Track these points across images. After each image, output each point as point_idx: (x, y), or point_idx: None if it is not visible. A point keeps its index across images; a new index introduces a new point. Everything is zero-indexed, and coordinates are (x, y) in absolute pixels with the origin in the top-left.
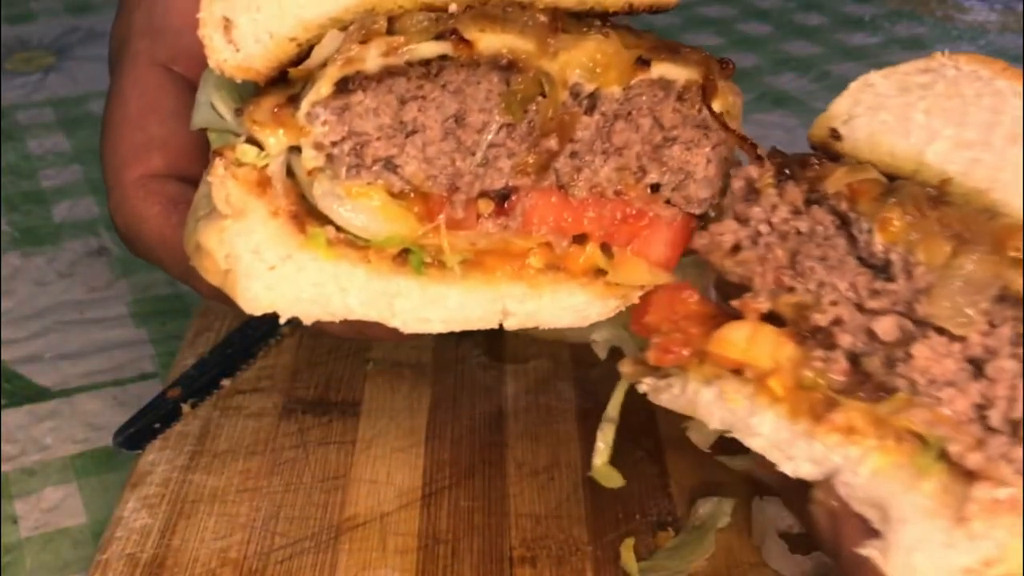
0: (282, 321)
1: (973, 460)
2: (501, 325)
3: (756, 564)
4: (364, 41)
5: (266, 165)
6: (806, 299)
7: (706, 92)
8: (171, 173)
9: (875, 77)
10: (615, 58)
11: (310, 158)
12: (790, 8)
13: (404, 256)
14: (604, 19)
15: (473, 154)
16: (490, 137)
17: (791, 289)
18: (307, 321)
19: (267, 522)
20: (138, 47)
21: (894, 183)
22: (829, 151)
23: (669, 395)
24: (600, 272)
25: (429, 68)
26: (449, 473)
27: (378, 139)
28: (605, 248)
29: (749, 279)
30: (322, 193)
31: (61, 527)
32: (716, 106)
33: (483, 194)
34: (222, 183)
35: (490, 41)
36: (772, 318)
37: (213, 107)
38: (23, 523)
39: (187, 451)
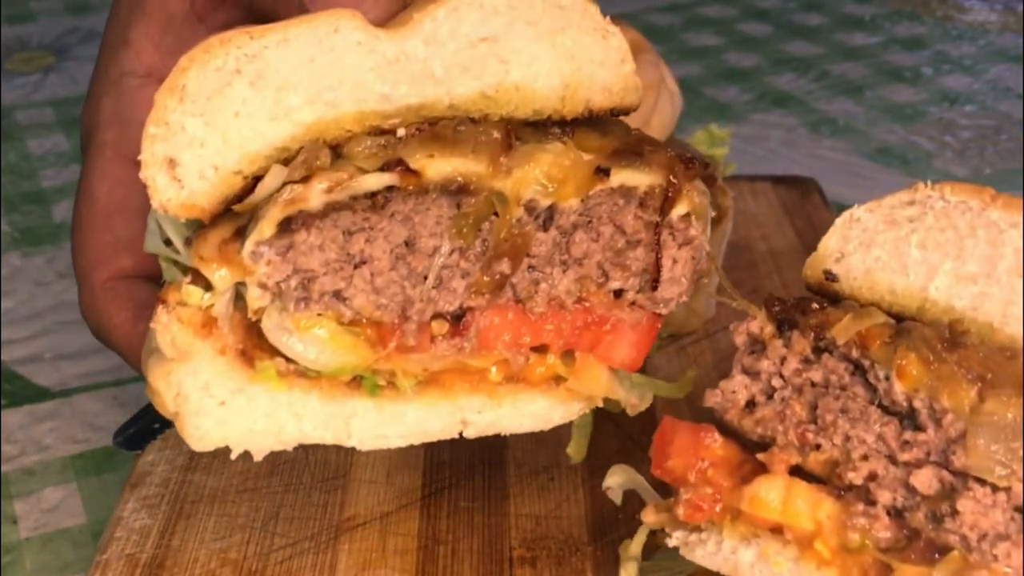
0: (233, 456)
1: None
2: (461, 434)
3: None
4: (307, 177)
5: (211, 305)
6: (835, 455)
7: (669, 198)
8: (140, 274)
9: (860, 212)
10: (572, 170)
11: (255, 297)
12: (790, 8)
13: (358, 381)
14: (564, 124)
15: (424, 279)
16: (441, 261)
17: (817, 446)
18: (258, 456)
19: (267, 522)
20: (105, 138)
21: (903, 324)
22: (827, 292)
23: (704, 551)
24: (561, 379)
25: (375, 199)
26: (449, 473)
27: (325, 274)
28: (567, 354)
29: (771, 437)
30: (271, 327)
31: (61, 527)
32: (681, 208)
33: (436, 316)
34: (166, 328)
35: (439, 167)
36: (804, 472)
37: (161, 235)
38: (23, 523)
39: (187, 451)
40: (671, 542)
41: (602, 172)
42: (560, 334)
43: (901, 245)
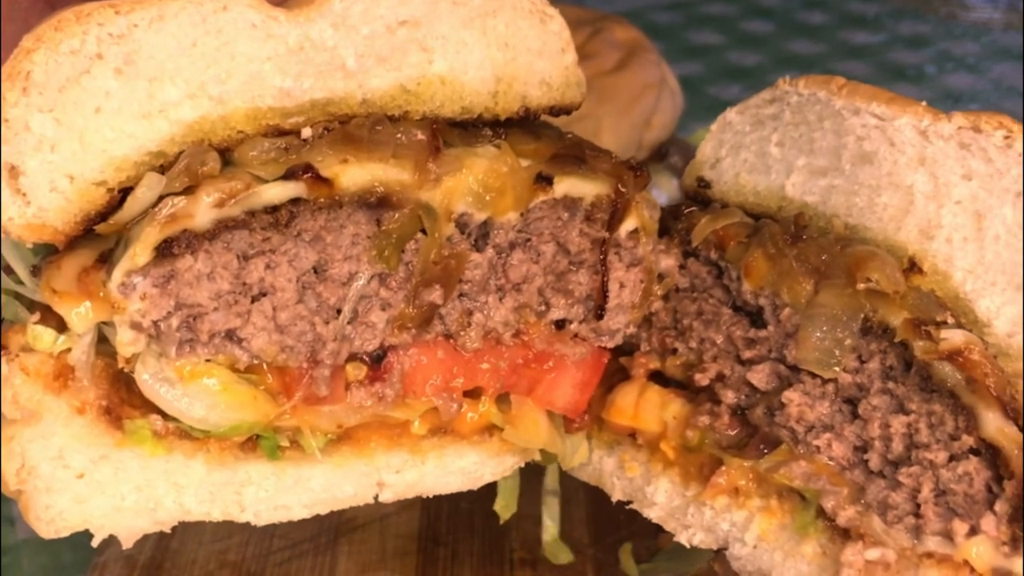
0: (95, 543)
1: (844, 516)
2: (376, 498)
3: None
4: (191, 187)
5: (67, 351)
6: (690, 358)
7: (617, 209)
8: None
9: (732, 114)
10: (510, 178)
11: (126, 340)
12: (792, 6)
13: (254, 441)
14: (495, 125)
15: (338, 314)
16: (358, 290)
17: (674, 350)
18: (128, 542)
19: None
20: None
21: (758, 223)
22: (702, 199)
23: (580, 465)
24: (494, 428)
25: (278, 215)
26: None
27: (215, 309)
28: (501, 399)
29: (636, 344)
30: (146, 377)
31: None
32: (630, 223)
33: (352, 358)
34: (6, 382)
35: (355, 175)
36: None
37: (3, 262)
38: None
39: None
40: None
41: (544, 180)
42: (496, 374)
43: (764, 145)
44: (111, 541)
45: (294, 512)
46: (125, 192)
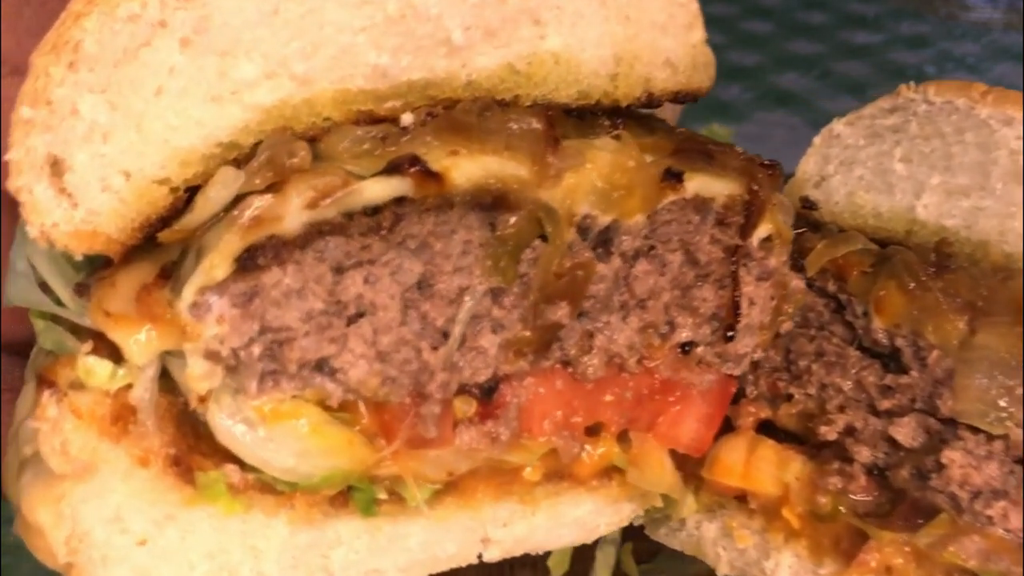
0: None
1: None
2: (480, 557)
3: None
4: (275, 184)
5: (127, 387)
6: (809, 406)
7: (751, 212)
8: None
9: (840, 126)
10: (637, 174)
11: (199, 374)
12: (793, 6)
13: (345, 495)
14: (615, 114)
15: (446, 337)
16: (470, 309)
17: (789, 397)
18: None
19: None
20: None
21: (886, 250)
22: (807, 222)
23: (667, 528)
24: (613, 471)
25: (380, 218)
26: None
27: (306, 334)
28: (622, 437)
29: (741, 389)
30: (221, 419)
31: None
32: (763, 229)
33: (461, 391)
34: (56, 428)
35: (468, 170)
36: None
37: (36, 277)
38: None
39: None
40: (637, 519)
41: (673, 177)
42: (620, 408)
43: (884, 160)
44: None
45: None
46: (191, 192)
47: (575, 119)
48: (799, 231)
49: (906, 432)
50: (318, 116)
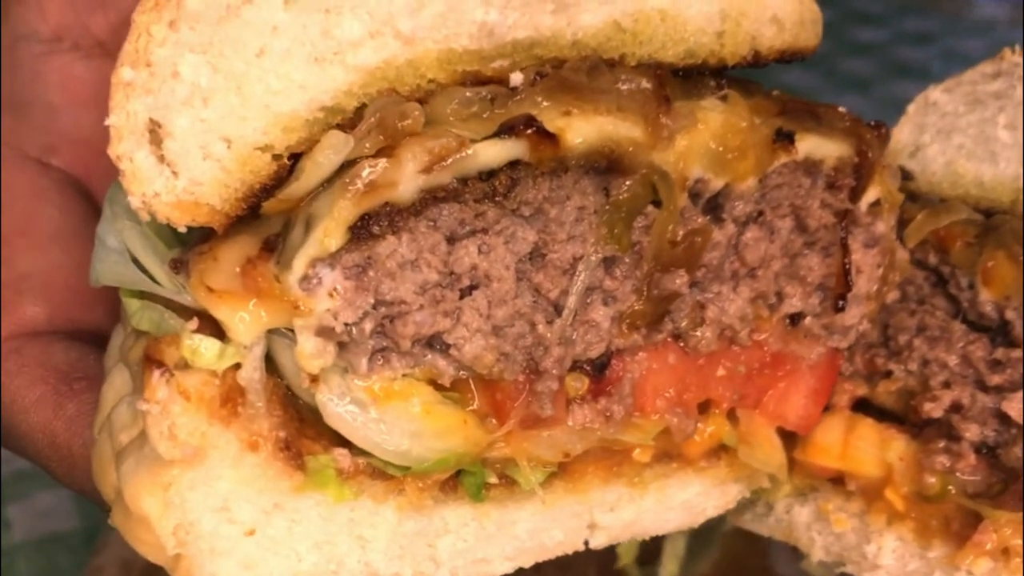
0: None
1: None
2: (587, 543)
3: (763, 569)
4: (386, 148)
5: (235, 367)
6: (910, 383)
7: (861, 175)
8: (57, 328)
9: (936, 94)
10: (750, 135)
11: (313, 352)
12: None
13: (454, 480)
14: (719, 74)
15: (558, 310)
16: (585, 279)
17: (888, 373)
18: None
19: None
20: None
21: (992, 220)
22: (905, 192)
23: (753, 514)
24: (722, 450)
25: (495, 183)
26: None
27: (420, 307)
28: (730, 415)
29: None
30: (331, 399)
31: (54, 531)
32: (872, 193)
33: (572, 367)
34: (165, 411)
35: (583, 131)
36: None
37: (130, 254)
38: (16, 527)
39: None
40: None
41: (785, 138)
42: (732, 384)
43: (987, 128)
44: (108, 543)
45: (495, 566)
46: (294, 160)
47: (680, 80)
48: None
49: (1019, 407)
50: (422, 78)
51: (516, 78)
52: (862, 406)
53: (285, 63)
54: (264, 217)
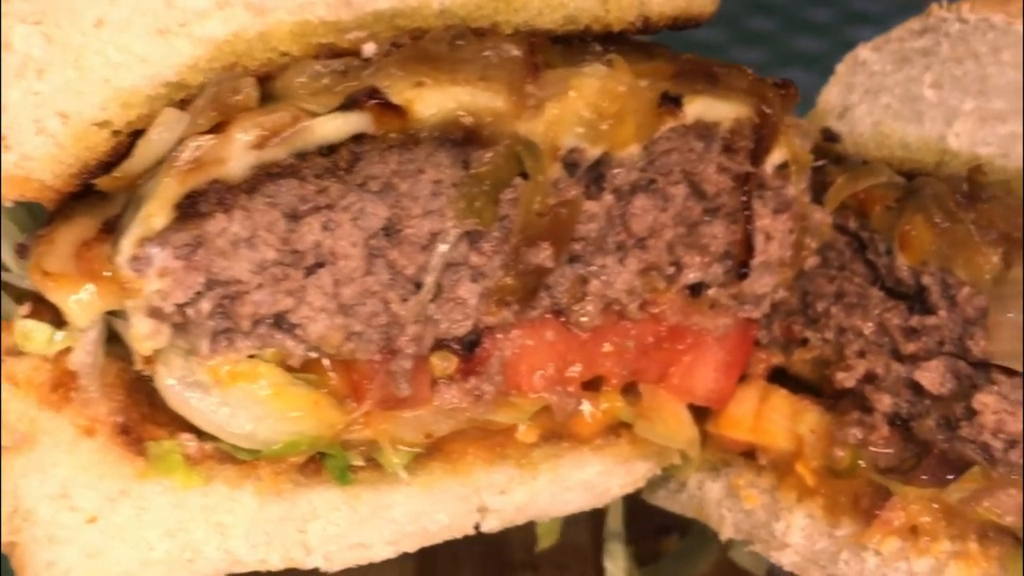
0: None
1: None
2: (477, 527)
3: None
4: (221, 124)
5: (67, 351)
6: (825, 352)
7: (762, 136)
8: None
9: (865, 52)
10: (630, 101)
11: (145, 333)
12: (797, 3)
13: (317, 462)
14: (606, 40)
15: (417, 288)
16: (443, 256)
17: (804, 341)
18: None
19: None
20: None
21: (913, 182)
22: (829, 156)
23: (666, 491)
24: (622, 427)
25: (336, 158)
26: None
27: (259, 286)
28: (629, 390)
29: None
30: (171, 383)
31: None
32: (778, 155)
33: (438, 345)
34: None
35: (434, 102)
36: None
37: None
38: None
39: None
40: None
41: (671, 101)
42: (621, 359)
43: (913, 86)
44: None
45: (375, 551)
46: (136, 136)
47: (564, 47)
48: (819, 163)
49: (933, 377)
50: (274, 51)
51: (369, 49)
52: (782, 377)
53: (125, 34)
54: (108, 197)
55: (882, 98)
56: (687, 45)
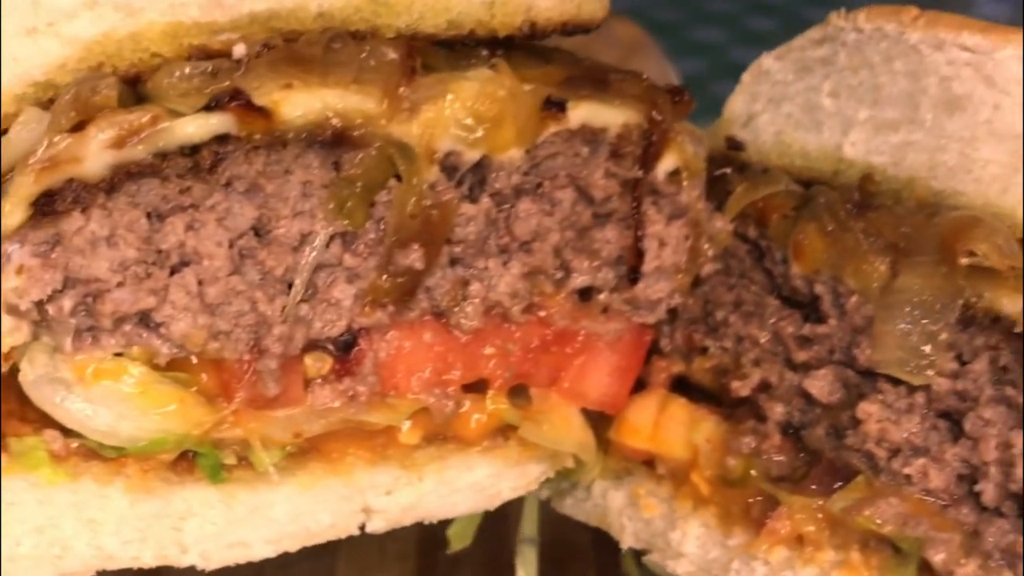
0: None
1: (962, 574)
2: (363, 528)
3: None
4: (82, 123)
5: None
6: (724, 360)
7: (652, 145)
8: None
9: (769, 61)
10: (510, 105)
11: (4, 330)
12: (796, 3)
13: (190, 460)
14: (494, 46)
15: (288, 288)
16: (314, 257)
17: (704, 349)
18: None
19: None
20: None
21: (810, 191)
22: (734, 165)
23: (573, 499)
24: (511, 430)
25: (198, 158)
26: None
27: (120, 285)
28: (517, 393)
29: (656, 341)
30: (34, 380)
31: None
32: (669, 161)
33: (312, 346)
34: None
35: (301, 104)
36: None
37: None
38: None
39: None
40: (542, 492)
41: (554, 106)
42: (505, 362)
43: (813, 96)
44: None
45: (255, 550)
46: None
47: (450, 51)
48: (722, 171)
49: (821, 385)
50: (145, 52)
51: (239, 50)
52: (687, 387)
53: None
54: None
55: (784, 107)
56: (687, 45)
